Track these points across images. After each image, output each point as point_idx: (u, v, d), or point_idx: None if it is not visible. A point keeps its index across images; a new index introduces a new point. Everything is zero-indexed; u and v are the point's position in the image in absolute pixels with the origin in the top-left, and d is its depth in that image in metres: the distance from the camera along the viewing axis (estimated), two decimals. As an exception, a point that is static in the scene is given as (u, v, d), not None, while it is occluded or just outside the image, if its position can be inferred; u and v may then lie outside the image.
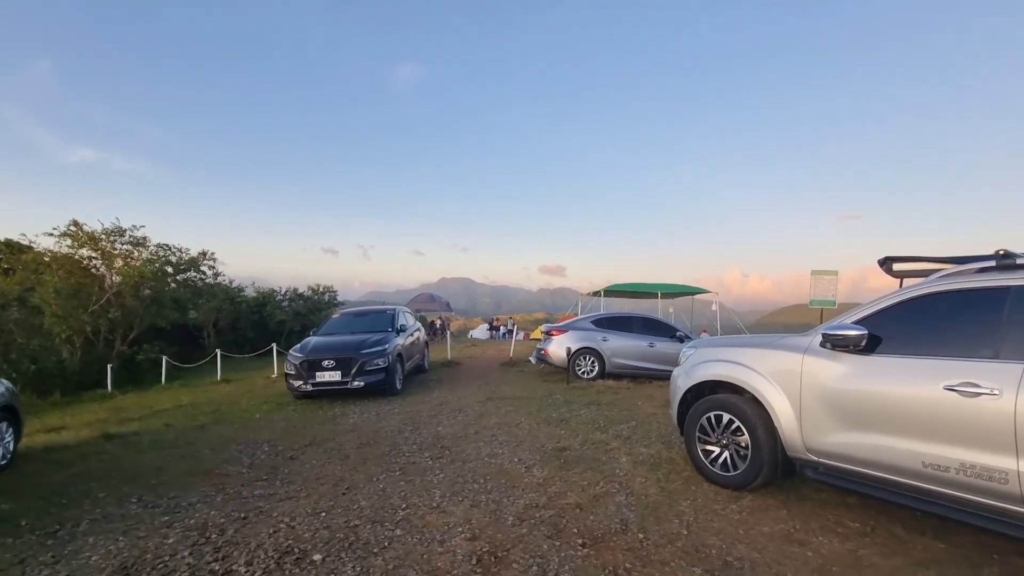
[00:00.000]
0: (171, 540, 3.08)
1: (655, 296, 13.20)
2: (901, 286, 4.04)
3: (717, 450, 4.02)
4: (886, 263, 4.04)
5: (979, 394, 2.68)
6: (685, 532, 3.16)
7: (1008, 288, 2.79)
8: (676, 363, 9.31)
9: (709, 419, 4.07)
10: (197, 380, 12.65)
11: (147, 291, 14.95)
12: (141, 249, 14.57)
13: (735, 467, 3.88)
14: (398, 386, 8.30)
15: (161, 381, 12.71)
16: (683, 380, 4.38)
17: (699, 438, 4.16)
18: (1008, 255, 2.94)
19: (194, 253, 16.64)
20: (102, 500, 3.88)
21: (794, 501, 3.66)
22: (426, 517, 3.38)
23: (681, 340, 9.45)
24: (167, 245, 15.36)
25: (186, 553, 2.89)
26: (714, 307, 13.17)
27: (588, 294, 14.76)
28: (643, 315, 10.34)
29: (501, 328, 28.81)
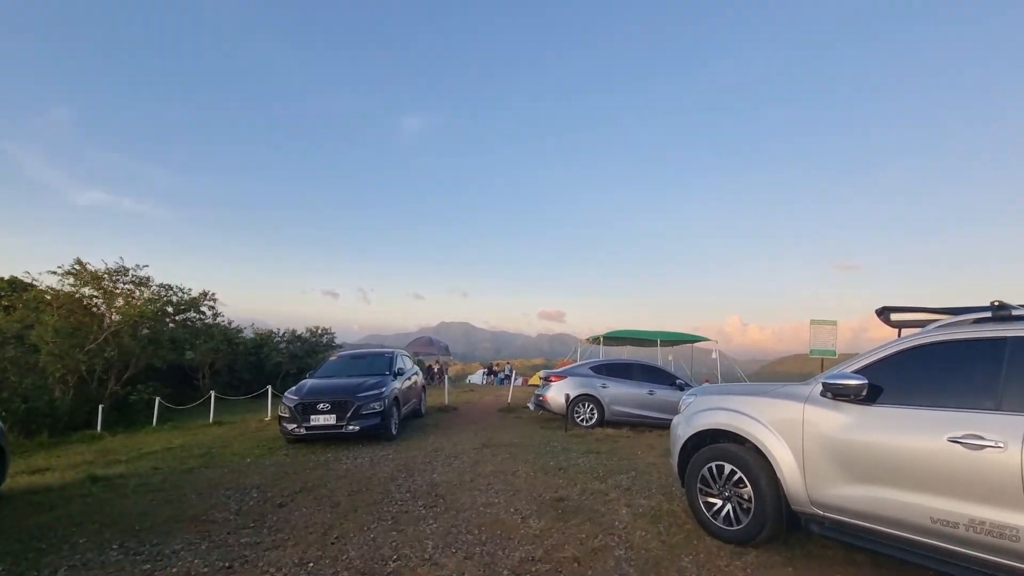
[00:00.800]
0: (151, 590, 2.95)
1: (655, 344, 13.13)
2: (900, 336, 4.05)
3: (719, 502, 3.91)
4: (883, 313, 4.07)
5: (984, 447, 2.64)
6: (687, 590, 3.03)
7: (1005, 339, 2.81)
8: (676, 411, 9.17)
9: (711, 469, 3.97)
10: (189, 422, 12.39)
11: (145, 331, 14.89)
12: (143, 289, 14.62)
13: (738, 521, 3.75)
14: (393, 431, 8.14)
15: (152, 423, 12.45)
16: (683, 428, 4.31)
17: (701, 489, 4.05)
18: (1004, 306, 2.97)
19: (195, 293, 16.69)
20: (82, 545, 3.73)
21: (800, 558, 3.53)
22: (417, 570, 3.25)
23: (681, 388, 9.34)
24: (169, 285, 15.43)
25: (166, 604, 2.76)
26: (714, 355, 13.07)
27: (587, 340, 14.69)
28: (643, 362, 10.26)
29: (500, 373, 28.49)
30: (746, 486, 3.70)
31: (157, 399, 12.72)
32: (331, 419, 7.49)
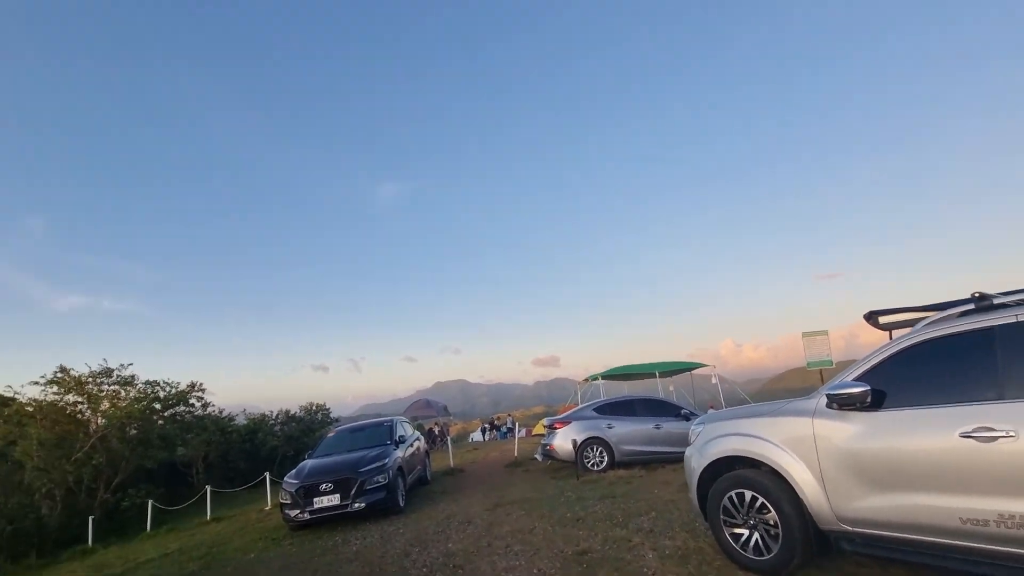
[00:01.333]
0: None
1: (654, 376, 13.04)
2: (891, 338, 4.11)
3: (746, 532, 3.79)
4: (871, 317, 4.14)
5: (996, 438, 2.63)
6: (729, 632, 2.88)
7: (993, 328, 2.86)
8: (686, 443, 9.01)
9: (731, 499, 3.87)
10: (186, 522, 11.77)
11: (133, 431, 14.36)
12: (129, 388, 14.20)
13: (768, 549, 3.63)
14: (401, 503, 7.82)
15: (146, 528, 11.80)
16: (697, 460, 4.23)
17: (724, 521, 3.93)
18: (984, 296, 3.05)
19: (183, 386, 16.23)
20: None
21: (839, 581, 3.40)
22: (444, 651, 3.05)
23: (687, 418, 9.22)
24: (155, 381, 15.02)
25: None
26: (714, 380, 12.98)
27: (585, 380, 14.55)
28: (645, 397, 10.15)
29: (502, 427, 27.86)
30: (770, 511, 3.61)
31: (150, 502, 12.12)
32: (335, 499, 7.20)
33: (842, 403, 3.28)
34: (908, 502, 2.96)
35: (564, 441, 9.26)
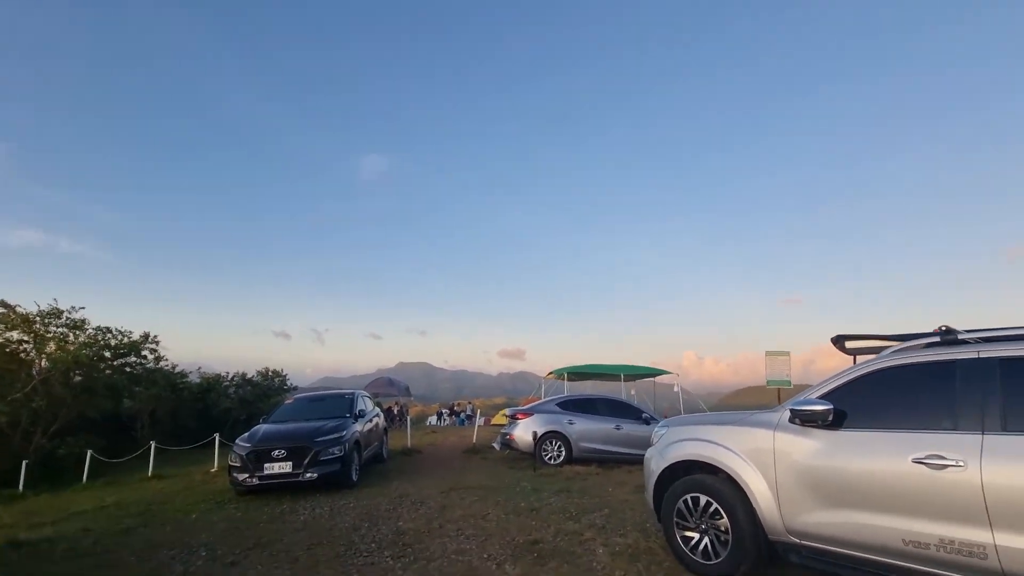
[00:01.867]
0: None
1: (618, 378, 13.21)
2: (855, 362, 4.23)
3: (697, 535, 3.86)
4: (839, 341, 4.26)
5: (946, 466, 2.73)
6: (673, 631, 2.93)
7: (955, 361, 2.97)
8: (644, 446, 9.17)
9: (686, 502, 3.94)
10: (125, 477, 11.38)
11: (79, 377, 13.75)
12: (79, 332, 13.58)
13: (716, 554, 3.70)
14: (354, 477, 7.71)
15: (82, 479, 11.35)
16: (656, 462, 4.28)
17: (677, 523, 3.99)
18: (950, 331, 3.16)
19: (136, 336, 15.62)
20: (-2, 624, 3.28)
21: (780, 590, 3.50)
22: (389, 627, 3.01)
23: (647, 422, 9.37)
24: (107, 328, 14.40)
25: None
26: (676, 389, 13.25)
27: (550, 375, 14.61)
28: (609, 397, 10.27)
29: (461, 413, 27.87)
30: (722, 517, 3.68)
31: (88, 452, 11.65)
32: (287, 467, 7.05)
33: (804, 419, 3.35)
34: (856, 520, 3.06)
35: (524, 432, 9.30)
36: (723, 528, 3.69)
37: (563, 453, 9.18)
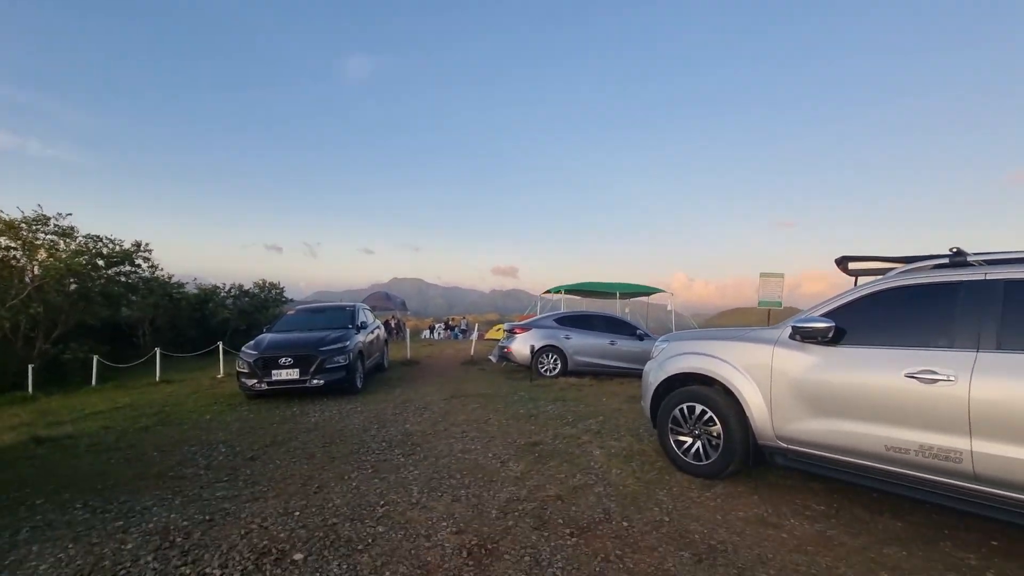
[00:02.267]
0: (130, 545, 2.82)
1: (613, 296, 13.47)
2: (856, 284, 4.32)
3: (689, 440, 4.14)
4: (843, 262, 4.31)
5: (936, 380, 2.88)
6: (667, 519, 3.22)
7: (960, 283, 3.03)
8: (637, 360, 9.50)
9: (682, 410, 4.18)
10: (133, 381, 11.76)
11: (73, 285, 13.73)
12: (68, 240, 13.38)
13: (707, 456, 4.00)
14: (359, 384, 8.05)
15: (91, 383, 11.73)
16: (655, 374, 4.48)
17: (672, 429, 4.26)
18: (960, 253, 3.20)
19: (128, 245, 15.42)
20: (40, 507, 3.51)
21: (764, 487, 3.82)
22: (407, 513, 3.28)
23: (641, 338, 9.70)
24: (98, 236, 14.18)
25: (150, 558, 2.65)
26: (669, 307, 13.58)
27: (546, 292, 14.85)
28: (605, 314, 10.53)
29: (456, 328, 28.64)
30: (715, 424, 3.93)
31: (95, 357, 11.94)
32: (294, 374, 7.30)
33: (805, 335, 3.48)
34: (843, 428, 3.28)
35: (522, 346, 9.61)
36: (715, 434, 3.95)
37: (559, 366, 9.56)
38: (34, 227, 12.89)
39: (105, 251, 14.39)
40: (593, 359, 9.63)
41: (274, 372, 7.29)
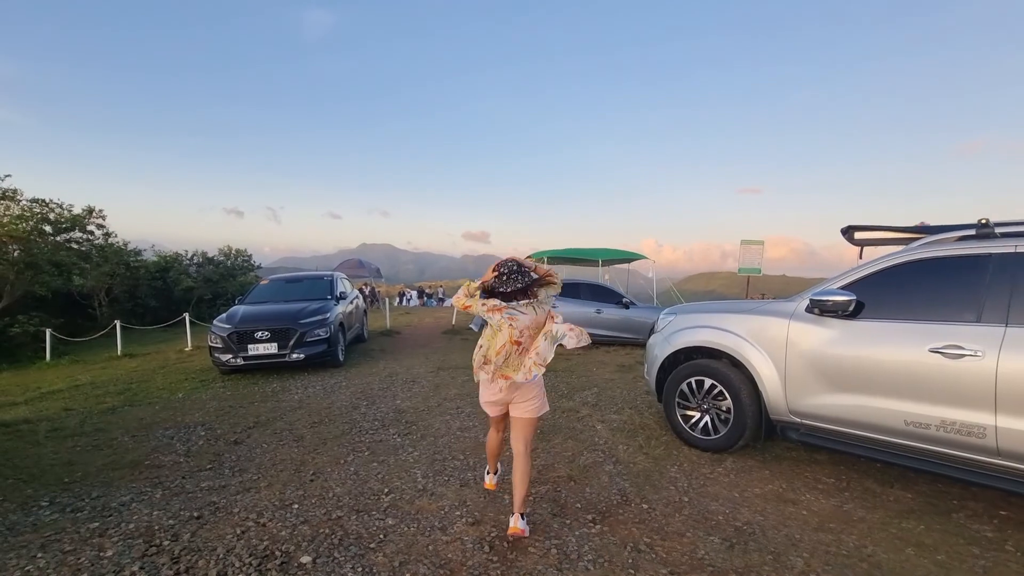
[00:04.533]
0: (110, 552, 2.51)
1: (596, 263, 13.33)
2: (861, 255, 4.22)
3: (697, 415, 4.06)
4: (848, 232, 4.19)
5: (963, 355, 2.81)
6: (686, 499, 3.13)
7: (990, 255, 2.93)
8: (623, 328, 9.38)
9: (689, 384, 4.08)
10: (92, 356, 11.06)
11: (17, 252, 12.68)
12: (9, 203, 12.26)
13: (716, 431, 3.93)
14: (340, 357, 7.72)
15: (46, 358, 10.99)
16: (662, 347, 4.35)
17: (679, 403, 4.17)
18: (987, 225, 3.10)
19: (78, 210, 14.28)
20: (0, 507, 3.15)
21: (771, 461, 3.78)
22: (416, 502, 3.08)
23: (627, 307, 9.62)
24: (44, 200, 13.03)
25: (136, 568, 2.36)
26: (650, 274, 13.58)
27: (528, 259, 14.50)
28: (591, 282, 10.38)
29: (434, 296, 28.28)
30: (726, 399, 3.84)
31: (48, 331, 11.16)
32: (272, 348, 6.92)
33: (824, 309, 3.37)
34: (861, 403, 3.21)
35: (506, 315, 9.40)
36: (725, 408, 3.87)
37: (544, 335, 9.42)
38: (-35, 190, 11.75)
39: (52, 216, 13.28)
40: (579, 328, 9.51)
41: (250, 347, 6.88)
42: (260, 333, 6.91)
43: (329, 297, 8.24)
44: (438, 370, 7.33)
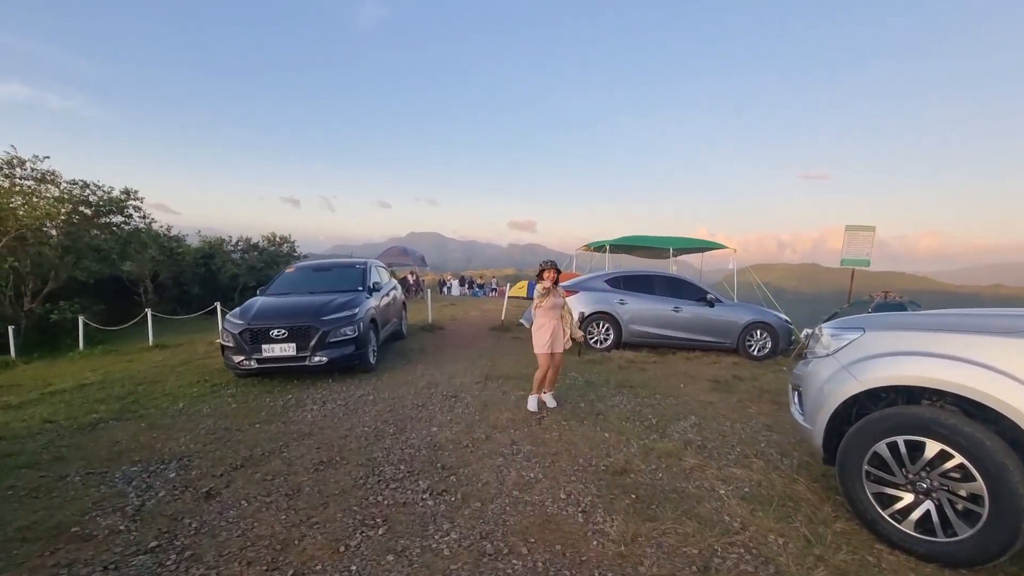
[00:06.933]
0: None
1: (666, 253, 11.58)
2: None
3: (908, 498, 2.48)
4: None
5: None
6: None
7: None
8: (704, 331, 7.66)
9: (893, 447, 2.51)
10: (126, 344, 10.53)
11: (57, 236, 12.30)
12: (49, 185, 11.89)
13: (948, 529, 2.35)
14: (372, 360, 6.52)
15: (79, 347, 10.52)
16: (840, 380, 2.75)
17: (869, 474, 2.61)
18: None
19: (115, 193, 13.73)
20: None
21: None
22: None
23: (712, 304, 7.94)
24: (83, 182, 12.61)
25: None
26: (730, 266, 11.67)
27: (586, 248, 12.95)
28: (667, 274, 8.73)
29: (486, 285, 27.09)
30: (974, 480, 2.25)
31: (81, 319, 10.67)
32: (289, 349, 5.78)
33: None
34: None
35: (568, 312, 7.95)
36: (966, 494, 2.29)
37: (611, 336, 7.91)
38: (5, 171, 11.39)
39: (92, 199, 12.86)
40: (652, 329, 7.93)
41: (265, 347, 5.77)
42: (276, 331, 5.78)
43: (360, 288, 7.04)
44: (486, 380, 5.98)
